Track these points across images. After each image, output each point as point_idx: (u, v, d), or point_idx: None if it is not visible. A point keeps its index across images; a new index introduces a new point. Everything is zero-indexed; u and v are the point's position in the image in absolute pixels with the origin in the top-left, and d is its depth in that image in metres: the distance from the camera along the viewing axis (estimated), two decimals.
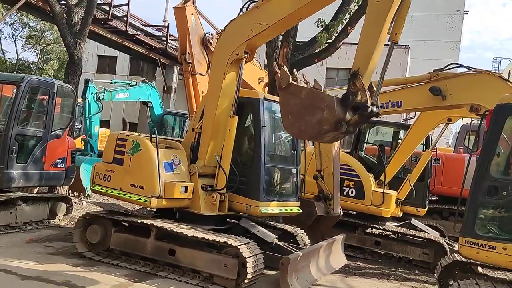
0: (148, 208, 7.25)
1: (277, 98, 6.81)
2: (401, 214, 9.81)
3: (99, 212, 7.43)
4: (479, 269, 6.58)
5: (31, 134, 8.38)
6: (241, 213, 7.25)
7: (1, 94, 8.85)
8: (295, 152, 7.72)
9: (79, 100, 12.72)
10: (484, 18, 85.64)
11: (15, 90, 7.96)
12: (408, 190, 9.52)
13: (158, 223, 6.51)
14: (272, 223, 7.92)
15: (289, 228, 7.73)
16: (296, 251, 6.76)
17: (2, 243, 7.23)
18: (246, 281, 5.97)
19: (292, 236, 7.60)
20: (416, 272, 8.54)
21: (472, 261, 6.24)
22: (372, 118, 5.23)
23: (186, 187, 6.72)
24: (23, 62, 38.81)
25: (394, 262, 9.04)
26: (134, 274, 6.37)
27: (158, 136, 6.82)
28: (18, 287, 5.58)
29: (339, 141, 8.23)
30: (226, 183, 6.77)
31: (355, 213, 9.64)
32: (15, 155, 7.88)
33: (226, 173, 6.73)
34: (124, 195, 6.75)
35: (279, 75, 5.41)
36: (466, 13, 35.19)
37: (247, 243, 6.22)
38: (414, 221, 10.12)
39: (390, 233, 9.40)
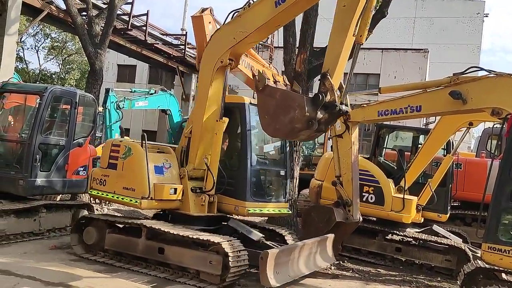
0: (140, 210, 7.64)
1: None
2: (422, 220, 9.67)
3: (94, 215, 7.78)
4: (503, 275, 6.45)
5: (54, 142, 8.55)
6: (229, 214, 7.60)
7: (24, 104, 9.06)
8: (283, 154, 8.10)
9: (100, 108, 12.95)
10: (504, 21, 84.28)
11: (39, 100, 8.16)
12: (429, 195, 9.39)
13: (147, 223, 6.88)
14: (264, 225, 8.19)
15: (277, 228, 7.96)
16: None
17: (26, 249, 7.39)
18: (229, 275, 6.21)
19: (280, 235, 7.81)
20: (439, 279, 8.40)
21: (495, 268, 6.14)
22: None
23: (176, 189, 7.06)
24: (46, 72, 39.73)
25: (415, 269, 8.91)
26: (155, 280, 6.44)
27: (150, 142, 7.20)
28: None
29: (357, 146, 8.20)
30: (214, 185, 7.07)
31: (375, 219, 9.55)
32: (38, 164, 8.05)
33: (214, 175, 7.04)
34: (118, 197, 7.13)
35: (257, 77, 5.80)
36: (486, 16, 34.76)
37: (229, 240, 6.47)
38: (435, 227, 9.96)
39: (411, 239, 9.26)
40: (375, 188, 9.13)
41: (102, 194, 7.35)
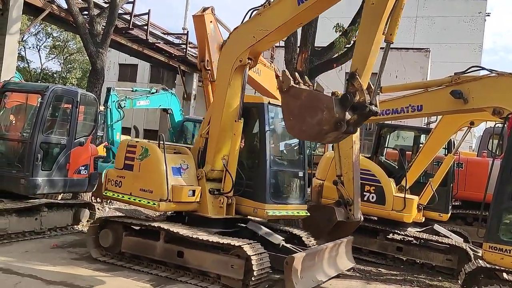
0: (158, 212, 7.39)
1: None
2: (423, 220, 9.67)
3: (110, 217, 7.63)
4: (504, 275, 6.44)
5: (55, 142, 8.56)
6: (248, 216, 7.40)
7: (26, 103, 9.07)
8: (302, 155, 7.85)
9: (101, 108, 12.96)
10: (506, 21, 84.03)
11: (40, 99, 8.17)
12: (430, 195, 9.39)
13: (165, 225, 6.70)
14: (281, 227, 8.00)
15: (295, 230, 7.80)
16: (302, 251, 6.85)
17: (27, 248, 7.41)
18: (253, 279, 6.06)
19: (298, 238, 7.68)
20: (440, 278, 8.40)
21: (496, 267, 6.13)
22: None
23: (194, 191, 6.90)
24: (47, 71, 39.73)
25: (416, 268, 8.91)
26: (156, 279, 6.45)
27: (166, 143, 6.99)
28: None
29: (359, 146, 8.19)
30: (233, 187, 6.93)
31: (376, 218, 9.55)
32: (40, 163, 8.06)
33: (232, 176, 6.89)
34: (134, 199, 6.96)
35: (280, 78, 5.56)
36: (488, 15, 34.63)
37: (251, 243, 6.34)
38: (437, 227, 9.96)
39: (412, 238, 9.26)
40: (376, 188, 9.13)
41: (118, 195, 7.15)
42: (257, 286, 6.29)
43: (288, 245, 7.13)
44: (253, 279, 6.06)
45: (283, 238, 7.26)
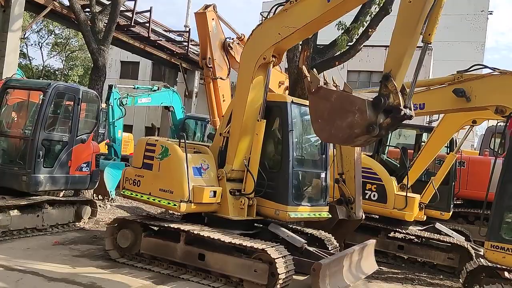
0: (177, 213, 7.24)
1: (304, 102, 6.73)
2: (425, 218, 9.66)
3: (129, 217, 7.47)
4: (506, 274, 6.44)
5: (57, 139, 8.57)
6: (269, 218, 7.19)
7: (28, 100, 9.08)
8: (324, 156, 7.64)
9: (103, 105, 12.97)
10: (509, 19, 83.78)
11: (42, 96, 8.17)
12: (432, 193, 9.38)
13: (186, 227, 6.55)
14: (298, 227, 7.84)
15: (316, 232, 7.65)
16: (325, 256, 6.71)
17: (29, 245, 7.42)
18: (278, 285, 5.87)
19: (320, 240, 7.52)
20: (441, 277, 8.40)
21: (498, 266, 6.13)
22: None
23: (215, 192, 6.72)
24: (49, 68, 39.81)
25: (418, 266, 8.91)
26: (158, 276, 6.45)
27: (188, 142, 6.84)
28: None
29: None
30: (254, 188, 6.76)
31: (377, 217, 9.54)
32: (41, 160, 8.07)
33: (254, 177, 6.73)
34: (154, 199, 6.80)
35: (309, 78, 5.29)
36: (491, 14, 34.53)
37: (274, 246, 6.17)
38: (438, 225, 9.96)
39: (414, 237, 9.26)
40: (377, 186, 9.13)
41: (136, 195, 6.98)
42: None
43: (310, 248, 6.98)
44: (279, 283, 5.87)
45: (306, 241, 7.08)
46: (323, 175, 7.58)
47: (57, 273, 6.20)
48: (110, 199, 11.91)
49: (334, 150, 8.61)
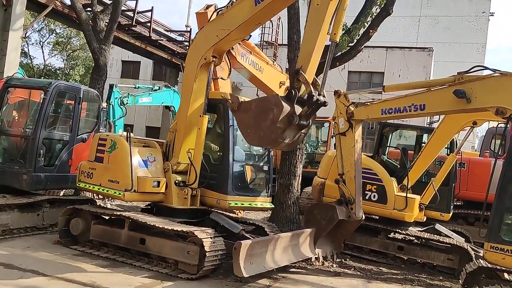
0: (124, 202, 7.96)
1: (246, 98, 7.10)
2: (425, 219, 9.66)
3: (79, 207, 7.85)
4: (505, 275, 6.43)
5: (58, 138, 8.59)
6: (212, 208, 7.80)
7: (29, 99, 9.09)
8: (267, 150, 8.38)
9: (104, 104, 12.99)
10: (510, 21, 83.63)
11: (43, 95, 8.19)
12: (432, 194, 9.37)
13: (128, 214, 7.06)
14: (247, 220, 8.36)
15: (259, 222, 8.20)
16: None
17: (29, 244, 7.43)
18: (206, 263, 6.31)
19: (262, 229, 7.92)
20: (441, 278, 8.39)
21: (498, 267, 6.13)
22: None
23: (159, 182, 7.26)
24: (50, 67, 39.83)
25: (417, 267, 8.90)
26: (157, 275, 6.48)
27: (137, 137, 7.48)
28: (45, 287, 5.72)
29: (360, 145, 8.18)
30: (197, 179, 7.29)
31: (377, 217, 9.54)
32: (42, 159, 8.10)
33: (196, 169, 7.26)
34: (103, 190, 7.36)
35: (230, 101, 6.08)
36: (492, 15, 34.51)
37: (203, 229, 6.61)
38: (438, 226, 9.95)
39: (414, 238, 9.26)
40: (378, 187, 9.12)
41: (89, 186, 7.55)
42: (212, 269, 6.52)
43: (247, 235, 7.41)
44: (207, 261, 6.30)
45: (243, 228, 7.58)
46: (266, 168, 8.28)
47: (57, 271, 6.21)
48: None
49: (335, 150, 8.62)
